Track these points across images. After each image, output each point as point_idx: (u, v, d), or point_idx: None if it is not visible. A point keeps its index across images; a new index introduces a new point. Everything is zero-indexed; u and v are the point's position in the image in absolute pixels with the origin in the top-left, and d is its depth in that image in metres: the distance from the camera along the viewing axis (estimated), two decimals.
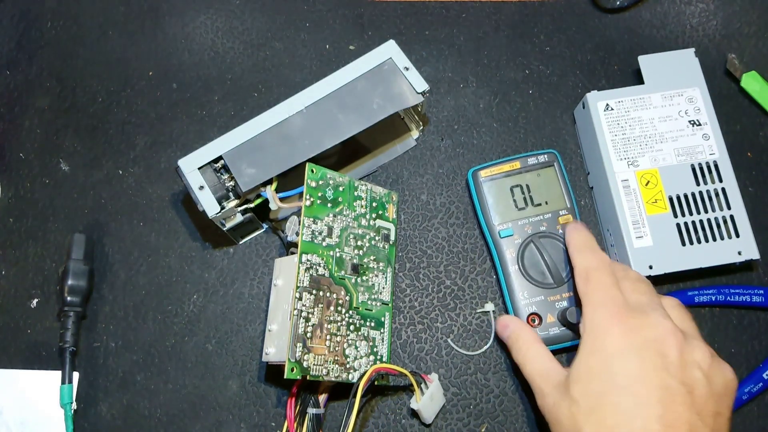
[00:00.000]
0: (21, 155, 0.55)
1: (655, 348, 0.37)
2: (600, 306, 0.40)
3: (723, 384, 0.38)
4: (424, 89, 0.47)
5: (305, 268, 0.43)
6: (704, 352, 0.38)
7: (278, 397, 0.48)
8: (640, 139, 0.50)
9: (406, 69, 0.47)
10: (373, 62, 0.47)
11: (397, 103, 0.46)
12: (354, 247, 0.47)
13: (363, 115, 0.46)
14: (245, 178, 0.45)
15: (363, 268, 0.47)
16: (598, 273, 0.41)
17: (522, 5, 0.59)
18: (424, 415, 0.45)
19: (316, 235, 0.44)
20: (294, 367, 0.41)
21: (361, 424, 0.47)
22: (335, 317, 0.44)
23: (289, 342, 0.41)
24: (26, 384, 0.48)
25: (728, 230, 0.48)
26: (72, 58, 0.57)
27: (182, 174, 0.45)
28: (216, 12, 0.59)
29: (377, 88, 0.47)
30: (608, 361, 0.37)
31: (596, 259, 0.43)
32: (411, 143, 0.54)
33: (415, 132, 0.54)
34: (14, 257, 0.52)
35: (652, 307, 0.39)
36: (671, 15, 0.58)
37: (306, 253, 0.43)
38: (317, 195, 0.45)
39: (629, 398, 0.36)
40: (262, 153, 0.45)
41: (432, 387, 0.45)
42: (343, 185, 0.47)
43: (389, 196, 0.50)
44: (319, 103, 0.46)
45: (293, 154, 0.45)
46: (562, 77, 0.56)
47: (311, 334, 0.42)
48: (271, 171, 0.45)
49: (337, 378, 0.43)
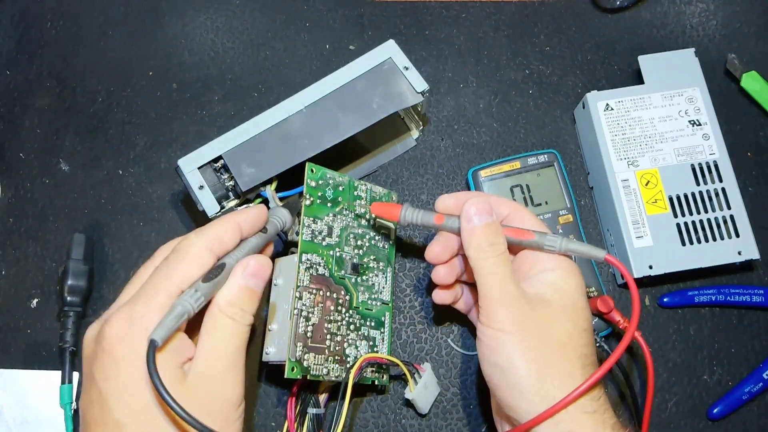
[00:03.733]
0: (21, 155, 0.55)
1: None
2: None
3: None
4: (423, 89, 0.47)
5: (305, 267, 0.43)
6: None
7: (278, 397, 0.48)
8: (640, 139, 0.50)
9: (406, 69, 0.47)
10: (372, 62, 0.47)
11: (396, 103, 0.46)
12: (354, 246, 0.46)
13: (363, 115, 0.46)
14: (245, 177, 0.45)
15: (363, 268, 0.47)
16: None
17: (522, 5, 0.59)
18: (419, 404, 0.45)
19: (316, 235, 0.44)
20: (294, 366, 0.41)
21: (361, 424, 0.47)
22: (335, 317, 0.44)
23: (289, 341, 0.41)
24: (26, 384, 0.48)
25: (728, 230, 0.48)
26: (72, 58, 0.57)
27: (182, 174, 0.45)
28: (216, 12, 0.59)
29: (377, 88, 0.47)
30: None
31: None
32: (411, 143, 0.54)
33: (415, 132, 0.54)
34: (14, 257, 0.52)
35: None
36: (671, 15, 0.58)
37: (306, 253, 0.43)
38: (317, 194, 0.45)
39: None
40: (262, 153, 0.45)
41: (425, 376, 0.45)
42: (343, 185, 0.47)
43: (389, 196, 0.50)
44: (318, 103, 0.46)
45: (293, 154, 0.45)
46: (562, 77, 0.56)
47: (311, 333, 0.42)
48: (271, 170, 0.45)
49: (337, 378, 0.43)
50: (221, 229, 0.36)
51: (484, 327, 0.37)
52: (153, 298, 0.33)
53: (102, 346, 0.33)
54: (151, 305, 0.33)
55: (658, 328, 0.50)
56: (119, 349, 0.32)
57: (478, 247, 0.38)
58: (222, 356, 0.34)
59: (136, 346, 0.32)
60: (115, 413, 0.32)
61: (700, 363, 0.49)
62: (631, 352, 0.49)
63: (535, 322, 0.36)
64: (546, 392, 0.35)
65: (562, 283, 0.38)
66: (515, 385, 0.35)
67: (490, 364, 0.37)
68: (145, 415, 0.32)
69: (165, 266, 0.35)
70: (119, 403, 0.32)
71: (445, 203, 0.42)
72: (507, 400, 0.36)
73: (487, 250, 0.38)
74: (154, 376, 0.31)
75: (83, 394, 0.34)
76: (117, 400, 0.32)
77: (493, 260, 0.38)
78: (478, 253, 0.38)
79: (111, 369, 0.32)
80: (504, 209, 0.41)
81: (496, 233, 0.39)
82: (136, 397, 0.32)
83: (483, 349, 0.37)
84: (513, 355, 0.36)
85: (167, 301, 0.33)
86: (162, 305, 0.33)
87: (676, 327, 0.50)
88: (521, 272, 0.40)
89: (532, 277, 0.39)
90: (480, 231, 0.38)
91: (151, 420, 0.32)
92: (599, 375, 0.35)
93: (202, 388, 0.33)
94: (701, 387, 0.48)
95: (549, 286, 0.38)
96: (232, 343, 0.35)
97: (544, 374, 0.35)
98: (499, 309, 0.36)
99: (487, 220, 0.39)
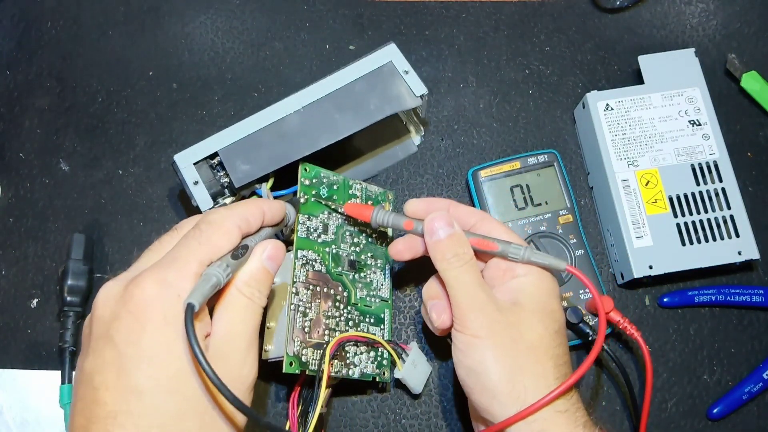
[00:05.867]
0: (21, 155, 0.55)
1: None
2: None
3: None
4: (422, 93, 0.47)
5: (301, 263, 0.43)
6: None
7: (280, 395, 0.48)
8: (640, 139, 0.50)
9: (406, 72, 0.47)
10: (373, 64, 0.47)
11: (394, 105, 0.46)
12: (351, 243, 0.47)
13: (360, 116, 0.46)
14: (239, 174, 0.45)
15: (361, 265, 0.47)
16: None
17: (522, 5, 0.59)
18: (410, 383, 0.45)
19: (312, 232, 0.45)
20: (292, 361, 0.41)
21: (361, 424, 0.47)
22: (333, 312, 0.44)
23: (286, 336, 0.41)
24: (26, 384, 0.48)
25: (728, 230, 0.48)
26: (72, 58, 0.57)
27: (178, 169, 0.45)
28: (216, 12, 0.59)
29: (375, 90, 0.47)
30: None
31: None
32: (412, 149, 0.54)
33: (417, 137, 0.54)
34: (14, 257, 0.52)
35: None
36: (671, 15, 0.58)
37: (302, 249, 0.43)
38: (311, 193, 0.45)
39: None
40: (258, 150, 0.45)
41: (412, 354, 0.46)
42: (338, 183, 0.47)
43: (385, 195, 0.50)
44: (316, 103, 0.46)
45: (288, 152, 0.45)
46: (562, 77, 0.56)
47: (309, 328, 0.42)
48: (266, 168, 0.45)
49: (337, 373, 0.43)
50: (248, 210, 0.36)
51: (457, 333, 0.38)
52: (186, 264, 0.32)
53: (128, 308, 0.31)
54: (184, 271, 0.32)
55: (658, 328, 0.50)
56: (148, 312, 0.31)
57: (443, 258, 0.39)
58: (241, 335, 0.34)
59: (167, 312, 0.31)
60: (134, 379, 0.30)
61: (700, 363, 0.49)
62: (631, 352, 0.49)
63: (505, 327, 0.37)
64: (518, 394, 0.36)
65: (533, 288, 0.39)
66: (488, 389, 0.36)
67: (464, 368, 0.38)
68: (166, 384, 0.31)
69: (198, 234, 0.34)
70: (139, 369, 0.30)
71: (414, 207, 0.43)
72: (481, 403, 0.37)
73: (453, 260, 0.39)
74: (192, 340, 0.29)
75: (90, 356, 0.32)
76: (137, 366, 0.30)
77: (460, 270, 0.39)
78: (443, 265, 0.39)
79: (136, 332, 0.31)
80: (471, 218, 0.42)
81: (460, 243, 0.39)
82: (158, 364, 0.31)
83: (457, 354, 0.38)
84: (485, 359, 0.36)
85: (199, 269, 0.33)
86: (195, 273, 0.32)
87: (676, 327, 0.50)
88: (495, 278, 0.40)
89: (506, 283, 0.40)
90: (443, 243, 0.39)
91: (172, 390, 0.31)
92: (570, 383, 0.36)
93: (222, 364, 0.32)
94: (701, 387, 0.48)
95: (521, 291, 0.39)
96: (250, 322, 0.35)
97: (516, 376, 0.36)
98: (470, 315, 0.37)
99: (449, 231, 0.39)
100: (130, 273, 0.34)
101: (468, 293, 0.38)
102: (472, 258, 0.39)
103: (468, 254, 0.39)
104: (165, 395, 0.31)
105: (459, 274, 0.39)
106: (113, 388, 0.30)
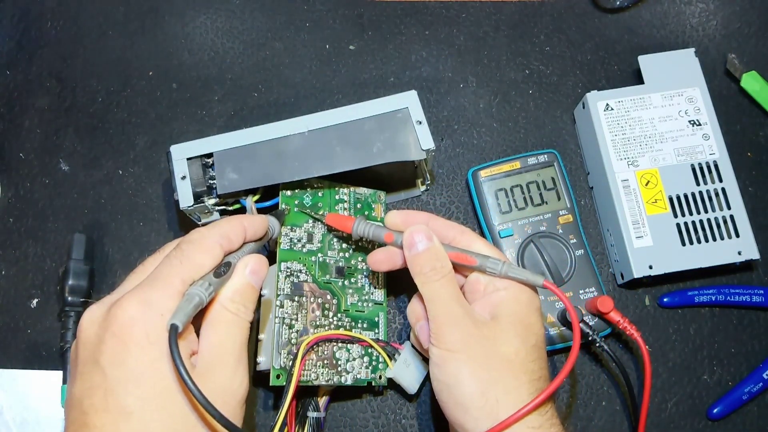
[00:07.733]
0: (21, 155, 0.55)
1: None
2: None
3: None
4: (429, 147, 0.45)
5: (285, 275, 0.43)
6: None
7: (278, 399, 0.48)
8: (640, 139, 0.50)
9: (419, 122, 0.46)
10: (388, 106, 0.46)
11: (398, 154, 0.45)
12: (339, 250, 0.46)
13: (360, 155, 0.45)
14: (224, 182, 0.44)
15: (351, 270, 0.46)
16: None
17: (522, 5, 0.59)
18: (402, 383, 0.45)
19: (295, 243, 0.44)
20: (279, 373, 0.41)
21: (361, 424, 0.47)
22: (322, 321, 0.44)
23: (272, 350, 0.41)
24: (26, 384, 0.48)
25: (728, 230, 0.48)
26: (72, 58, 0.57)
27: (170, 159, 0.45)
28: (216, 12, 0.59)
29: (384, 133, 0.45)
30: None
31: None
32: (416, 192, 0.53)
33: (421, 186, 0.53)
34: (14, 257, 0.52)
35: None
36: (671, 15, 0.58)
37: (285, 261, 0.43)
38: (293, 203, 0.45)
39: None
40: (251, 162, 0.45)
41: (404, 353, 0.45)
42: (322, 189, 0.46)
43: (375, 196, 0.49)
44: (322, 131, 0.45)
45: (279, 172, 0.44)
46: (562, 77, 0.56)
47: (296, 340, 0.42)
48: (252, 182, 0.44)
49: (328, 382, 0.43)
50: (229, 228, 0.37)
51: (433, 347, 0.38)
52: (168, 283, 0.33)
53: (111, 330, 0.32)
54: (167, 290, 0.32)
55: (658, 328, 0.50)
56: (132, 333, 0.31)
57: (421, 272, 0.39)
58: (228, 350, 0.34)
59: (150, 332, 0.31)
60: (122, 400, 0.30)
61: (700, 363, 0.49)
62: (631, 352, 0.49)
63: (480, 340, 0.37)
64: (490, 409, 0.35)
65: (512, 302, 0.39)
66: (460, 403, 0.36)
67: (439, 382, 0.37)
68: (153, 403, 0.31)
69: (179, 254, 0.34)
70: (126, 390, 0.31)
71: (394, 220, 0.43)
72: (455, 417, 0.37)
73: (430, 274, 0.39)
74: (177, 360, 0.30)
75: (78, 380, 0.32)
76: (124, 387, 0.31)
77: (437, 283, 0.38)
78: (421, 278, 0.39)
79: (120, 354, 0.31)
80: (450, 232, 0.42)
81: (438, 257, 0.39)
82: (145, 384, 0.31)
83: (433, 368, 0.38)
84: (459, 373, 0.36)
85: (182, 288, 0.33)
86: (178, 292, 0.33)
87: (676, 327, 0.50)
88: (476, 292, 0.40)
89: (486, 296, 0.39)
90: (421, 256, 0.39)
91: (159, 409, 0.31)
92: (542, 398, 0.35)
93: (211, 381, 0.32)
94: (701, 387, 0.48)
95: (499, 305, 0.39)
96: (237, 338, 0.35)
97: (488, 391, 0.36)
98: (445, 329, 0.37)
99: (428, 245, 0.39)
100: (114, 296, 0.35)
101: (445, 307, 0.38)
102: (450, 272, 0.39)
103: (446, 268, 0.39)
104: (153, 414, 0.31)
105: (437, 287, 0.38)
106: (102, 410, 0.31)
